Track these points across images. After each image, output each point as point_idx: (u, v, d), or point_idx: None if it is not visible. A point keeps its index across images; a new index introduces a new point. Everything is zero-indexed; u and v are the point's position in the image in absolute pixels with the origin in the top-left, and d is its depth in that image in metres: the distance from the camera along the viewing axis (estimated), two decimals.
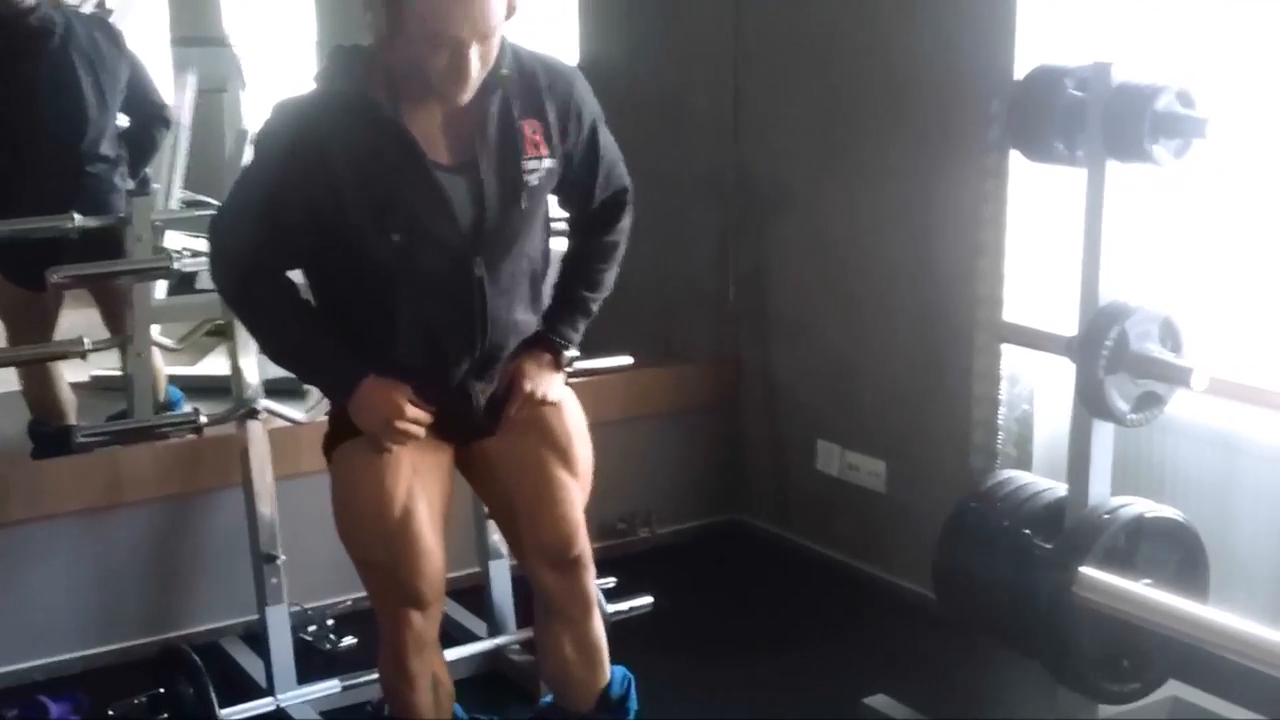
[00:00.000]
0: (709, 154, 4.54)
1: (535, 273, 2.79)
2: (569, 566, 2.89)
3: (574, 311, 2.89)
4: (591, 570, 2.94)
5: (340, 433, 2.78)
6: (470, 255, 2.64)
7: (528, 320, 2.81)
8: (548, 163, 2.69)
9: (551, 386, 2.83)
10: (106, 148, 4.42)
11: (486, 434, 2.84)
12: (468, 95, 2.55)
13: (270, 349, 2.83)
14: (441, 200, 2.60)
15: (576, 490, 2.88)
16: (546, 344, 2.84)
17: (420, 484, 2.75)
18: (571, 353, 2.91)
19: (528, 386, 2.79)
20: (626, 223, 2.91)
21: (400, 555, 2.74)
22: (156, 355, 4.66)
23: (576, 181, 2.80)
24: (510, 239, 2.69)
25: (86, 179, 4.36)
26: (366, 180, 2.56)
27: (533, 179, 2.66)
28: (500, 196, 2.64)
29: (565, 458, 2.87)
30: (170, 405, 4.64)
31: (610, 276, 2.93)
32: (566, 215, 2.92)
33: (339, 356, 2.70)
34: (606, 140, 2.81)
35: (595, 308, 2.92)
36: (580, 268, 2.91)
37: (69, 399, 4.60)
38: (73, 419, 4.50)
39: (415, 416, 2.69)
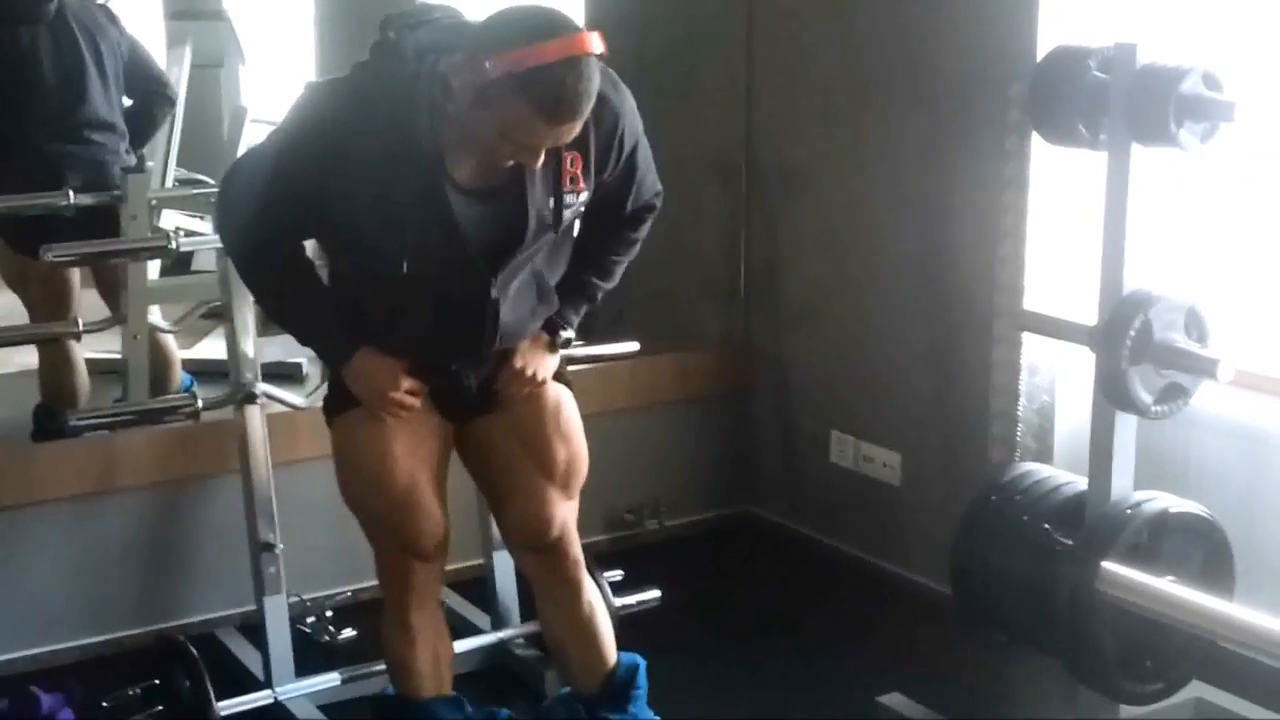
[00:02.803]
0: (721, 137, 4.47)
1: (549, 278, 2.78)
2: (546, 551, 2.94)
3: (580, 297, 2.89)
4: (574, 554, 2.97)
5: (339, 397, 2.81)
6: (486, 278, 2.62)
7: (539, 318, 2.80)
8: (583, 196, 2.66)
9: (543, 366, 2.83)
10: (109, 116, 4.38)
11: (482, 412, 2.85)
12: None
13: (269, 311, 2.91)
14: (450, 225, 2.56)
15: (550, 489, 2.89)
16: (546, 324, 2.83)
17: (424, 451, 2.80)
18: (567, 334, 2.89)
19: (518, 363, 2.79)
20: (650, 222, 2.90)
21: (405, 517, 2.82)
22: (170, 341, 4.64)
23: (609, 199, 2.76)
24: (529, 260, 2.69)
25: (89, 145, 4.32)
26: (378, 191, 2.53)
27: (566, 213, 2.65)
28: (530, 226, 2.61)
29: (541, 457, 2.87)
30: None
31: (622, 269, 2.93)
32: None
33: (337, 326, 2.72)
34: (643, 156, 2.78)
35: (600, 296, 2.92)
36: (595, 257, 2.88)
37: (85, 385, 4.54)
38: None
39: (410, 388, 2.71)
